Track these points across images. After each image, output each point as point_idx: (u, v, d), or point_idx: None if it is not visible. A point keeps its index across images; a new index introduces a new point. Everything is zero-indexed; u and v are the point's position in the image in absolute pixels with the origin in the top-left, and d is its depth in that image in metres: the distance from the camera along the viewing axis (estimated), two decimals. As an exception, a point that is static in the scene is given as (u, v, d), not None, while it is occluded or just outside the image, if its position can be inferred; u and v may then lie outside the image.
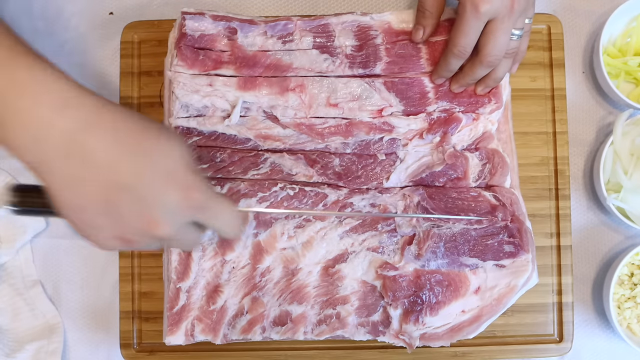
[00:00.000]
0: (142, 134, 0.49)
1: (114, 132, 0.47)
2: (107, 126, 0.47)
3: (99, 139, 0.47)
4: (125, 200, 0.48)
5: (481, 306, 0.70)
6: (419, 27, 0.70)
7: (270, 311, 0.70)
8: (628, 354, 0.79)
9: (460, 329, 0.70)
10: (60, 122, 0.46)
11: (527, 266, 0.69)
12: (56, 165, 0.47)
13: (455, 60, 0.67)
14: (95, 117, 0.47)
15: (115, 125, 0.48)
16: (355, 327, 0.70)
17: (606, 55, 0.78)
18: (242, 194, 0.70)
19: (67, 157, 0.46)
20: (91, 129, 0.47)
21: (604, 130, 0.81)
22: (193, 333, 0.70)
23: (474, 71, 0.67)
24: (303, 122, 0.71)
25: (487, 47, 0.64)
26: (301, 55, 0.72)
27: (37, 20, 0.82)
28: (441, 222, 0.70)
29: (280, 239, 0.70)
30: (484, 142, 0.72)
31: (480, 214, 0.70)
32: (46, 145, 0.46)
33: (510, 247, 0.69)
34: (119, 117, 0.48)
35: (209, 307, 0.70)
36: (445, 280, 0.69)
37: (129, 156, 0.48)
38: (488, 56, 0.65)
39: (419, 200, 0.70)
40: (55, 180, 0.47)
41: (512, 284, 0.69)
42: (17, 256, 0.79)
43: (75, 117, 0.46)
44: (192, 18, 0.71)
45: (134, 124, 0.49)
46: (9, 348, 0.77)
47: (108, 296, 0.79)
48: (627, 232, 0.80)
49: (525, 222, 0.71)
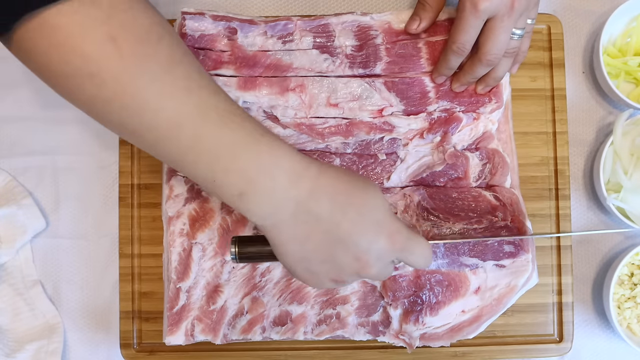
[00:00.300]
0: (351, 192, 0.56)
1: (330, 195, 0.55)
2: (326, 191, 0.55)
3: (320, 203, 0.55)
4: (342, 250, 0.56)
5: (481, 306, 0.70)
6: (416, 17, 0.70)
7: (270, 311, 0.70)
8: (628, 354, 0.79)
9: (460, 329, 0.70)
10: (294, 193, 0.54)
11: (527, 266, 0.69)
12: (286, 227, 0.55)
13: (455, 58, 0.67)
14: (316, 185, 0.55)
15: (331, 189, 0.55)
16: (355, 327, 0.70)
17: (606, 55, 0.78)
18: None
19: (296, 220, 0.54)
20: (314, 196, 0.54)
21: (604, 130, 0.81)
22: (193, 333, 0.70)
23: (474, 70, 0.67)
24: (303, 122, 0.71)
25: (486, 45, 0.65)
26: (301, 55, 0.72)
27: (38, 20, 0.82)
28: (441, 222, 0.70)
29: None
30: (484, 142, 0.72)
31: (481, 214, 0.70)
32: (280, 212, 0.54)
33: (511, 247, 0.69)
34: (333, 181, 0.56)
35: (209, 307, 0.70)
36: (445, 280, 0.69)
37: (345, 214, 0.55)
38: (487, 54, 0.65)
39: (420, 200, 0.70)
40: (283, 238, 0.56)
41: (512, 284, 0.70)
42: (17, 256, 0.79)
43: (303, 188, 0.54)
44: (192, 18, 0.71)
45: (344, 184, 0.56)
46: (9, 348, 0.77)
47: (108, 296, 0.79)
48: (627, 232, 0.80)
49: (525, 222, 0.71)
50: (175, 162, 0.54)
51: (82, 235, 0.80)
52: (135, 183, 0.78)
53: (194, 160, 0.53)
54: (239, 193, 0.53)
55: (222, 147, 0.52)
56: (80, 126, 0.80)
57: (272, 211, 0.54)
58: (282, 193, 0.54)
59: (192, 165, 0.53)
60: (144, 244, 0.77)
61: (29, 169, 0.80)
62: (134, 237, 0.77)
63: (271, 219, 0.55)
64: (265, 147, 0.53)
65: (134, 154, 0.78)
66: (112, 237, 0.79)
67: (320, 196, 0.55)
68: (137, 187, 0.78)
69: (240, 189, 0.53)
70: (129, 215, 0.77)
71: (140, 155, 0.78)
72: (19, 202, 0.78)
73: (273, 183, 0.53)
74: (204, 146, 0.52)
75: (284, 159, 0.54)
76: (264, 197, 0.54)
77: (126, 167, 0.77)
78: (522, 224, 0.70)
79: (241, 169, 0.53)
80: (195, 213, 0.71)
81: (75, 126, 0.80)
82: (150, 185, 0.77)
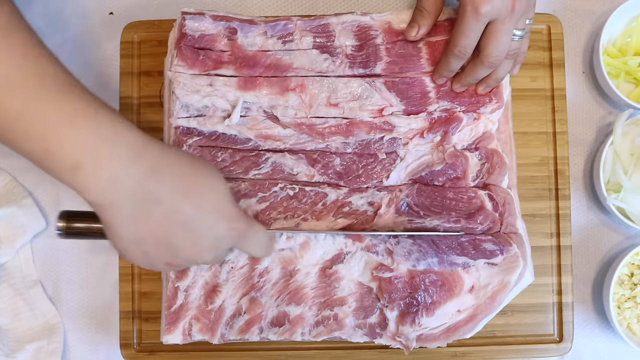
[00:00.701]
0: (194, 175, 0.56)
1: (172, 177, 0.54)
2: (169, 171, 0.54)
3: (161, 184, 0.53)
4: (180, 234, 0.55)
5: (476, 305, 0.70)
6: (414, 24, 0.69)
7: (268, 312, 0.70)
8: (628, 354, 0.79)
9: (456, 328, 0.70)
10: (134, 170, 0.52)
11: (518, 261, 0.69)
12: (123, 206, 0.53)
13: (456, 61, 0.67)
14: (158, 164, 0.53)
15: (173, 170, 0.54)
16: (353, 329, 0.70)
17: (606, 55, 0.78)
18: (243, 194, 0.70)
19: (135, 199, 0.52)
20: (155, 176, 0.53)
21: (604, 130, 0.81)
22: (190, 332, 0.70)
23: (475, 71, 0.67)
24: (303, 122, 0.71)
25: (488, 48, 0.64)
26: (301, 55, 0.72)
27: (37, 20, 0.82)
28: (417, 218, 0.70)
29: (278, 240, 0.70)
30: (484, 142, 0.72)
31: (463, 215, 0.69)
32: (118, 189, 0.52)
33: (490, 244, 0.69)
34: (176, 162, 0.55)
35: (207, 307, 0.70)
36: (439, 280, 0.69)
37: (186, 197, 0.54)
38: (489, 57, 0.65)
39: (404, 196, 0.70)
40: (120, 218, 0.53)
41: (505, 281, 0.69)
42: (17, 256, 0.79)
43: (144, 165, 0.53)
44: (192, 18, 0.71)
45: (187, 167, 0.56)
46: (9, 348, 0.77)
47: (108, 296, 0.79)
48: (627, 232, 0.80)
49: (515, 223, 0.71)
50: (5, 131, 0.51)
51: (82, 235, 0.80)
52: (135, 183, 0.78)
53: (25, 128, 0.50)
54: (73, 165, 0.51)
55: (59, 115, 0.50)
56: (80, 126, 0.80)
57: (110, 187, 0.52)
58: (121, 168, 0.52)
59: (23, 134, 0.50)
60: (143, 244, 0.77)
61: (29, 169, 0.80)
62: (134, 237, 0.77)
63: (108, 196, 0.52)
64: (105, 119, 0.52)
65: (134, 154, 0.78)
66: (112, 237, 0.79)
67: (162, 177, 0.53)
68: (137, 187, 0.78)
69: (75, 160, 0.50)
70: (129, 215, 0.77)
71: (140, 155, 0.78)
72: (19, 202, 0.78)
73: (112, 155, 0.51)
74: (40, 113, 0.50)
75: (125, 133, 0.52)
76: (102, 170, 0.51)
77: (126, 167, 0.77)
78: (510, 225, 0.70)
79: (78, 138, 0.50)
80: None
81: (75, 126, 0.80)
82: (150, 185, 0.77)
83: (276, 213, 0.71)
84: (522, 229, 0.71)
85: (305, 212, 0.71)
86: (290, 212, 0.71)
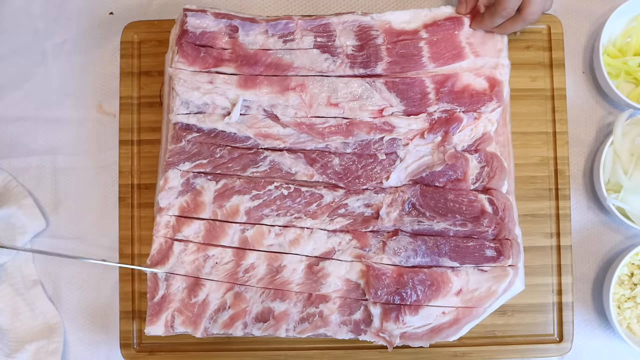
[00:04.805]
0: None
1: None
2: None
3: None
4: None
5: (461, 308, 0.70)
6: (462, 2, 0.74)
7: (253, 307, 0.70)
8: (628, 354, 0.79)
9: (440, 330, 0.69)
10: None
11: (508, 272, 0.69)
12: None
13: (502, 20, 0.71)
14: None
15: None
16: (338, 326, 0.70)
17: (606, 55, 0.78)
18: (236, 190, 0.70)
19: None
20: None
21: (604, 130, 0.81)
22: (173, 324, 0.70)
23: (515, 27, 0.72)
24: (303, 121, 0.71)
25: (530, 6, 0.69)
26: (302, 54, 0.72)
27: (37, 20, 0.82)
28: (424, 219, 0.70)
29: (267, 236, 0.70)
30: (483, 143, 0.72)
31: (468, 218, 0.70)
32: None
33: (492, 251, 0.69)
34: None
35: (190, 300, 0.70)
36: (428, 280, 0.69)
37: None
38: (531, 15, 0.70)
39: (410, 196, 0.70)
40: None
41: (492, 289, 0.69)
42: (17, 256, 0.79)
43: None
44: (194, 15, 0.71)
45: None
46: (9, 348, 0.77)
47: (108, 296, 0.79)
48: (627, 232, 0.80)
49: (514, 229, 0.70)
50: None
51: (82, 235, 0.80)
52: (135, 183, 0.78)
53: None
54: None
55: None
56: (80, 126, 0.80)
57: None
58: None
59: None
60: (143, 244, 0.77)
61: (29, 169, 0.80)
62: (134, 237, 0.77)
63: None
64: None
65: (134, 154, 0.78)
66: (112, 237, 0.79)
67: None
68: (137, 187, 0.78)
69: None
70: (129, 215, 0.77)
71: (140, 155, 0.78)
72: (19, 202, 0.78)
73: None
74: None
75: None
76: None
77: (126, 167, 0.77)
78: (505, 230, 0.70)
79: None
80: (186, 205, 0.71)
81: (75, 126, 0.80)
82: (150, 185, 0.77)
83: (268, 210, 0.71)
84: (519, 236, 0.71)
85: (298, 211, 0.71)
86: (283, 210, 0.71)
